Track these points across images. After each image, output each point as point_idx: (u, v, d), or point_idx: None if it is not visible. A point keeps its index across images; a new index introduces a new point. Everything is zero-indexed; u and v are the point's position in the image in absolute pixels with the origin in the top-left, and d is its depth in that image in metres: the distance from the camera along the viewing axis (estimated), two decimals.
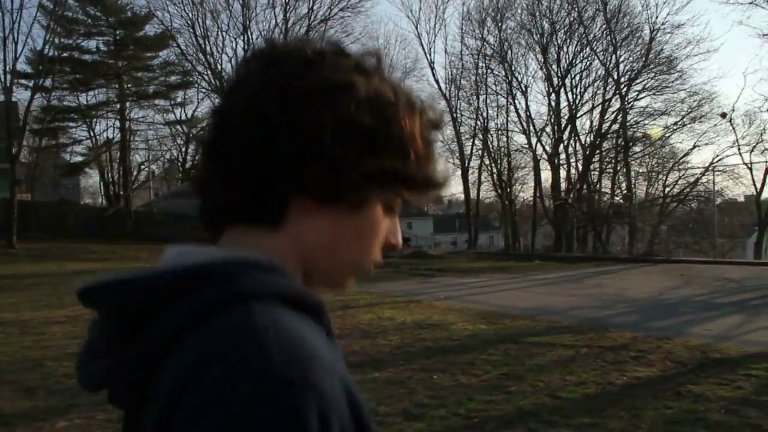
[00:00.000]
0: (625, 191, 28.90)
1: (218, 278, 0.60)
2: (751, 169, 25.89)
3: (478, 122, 32.70)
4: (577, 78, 31.02)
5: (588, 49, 30.00)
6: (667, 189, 29.03)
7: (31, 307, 10.76)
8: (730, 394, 5.10)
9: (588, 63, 30.66)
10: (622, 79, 29.34)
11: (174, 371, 0.55)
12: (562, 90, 30.83)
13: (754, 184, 26.43)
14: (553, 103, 30.96)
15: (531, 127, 31.35)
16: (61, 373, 6.08)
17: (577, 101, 30.87)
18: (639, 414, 4.65)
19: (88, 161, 35.16)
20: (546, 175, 31.76)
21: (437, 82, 34.40)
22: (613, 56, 29.26)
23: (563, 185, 30.70)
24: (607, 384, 5.48)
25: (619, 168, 29.68)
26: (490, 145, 32.71)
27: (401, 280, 15.35)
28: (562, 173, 30.99)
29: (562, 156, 30.93)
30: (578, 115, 30.80)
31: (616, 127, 29.66)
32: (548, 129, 31.44)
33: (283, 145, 0.63)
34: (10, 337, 8.03)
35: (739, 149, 26.35)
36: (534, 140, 31.22)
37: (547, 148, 31.00)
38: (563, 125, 30.74)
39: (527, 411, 4.77)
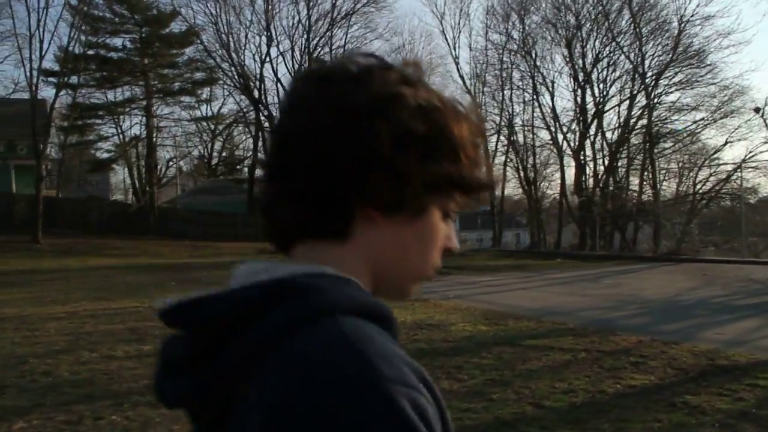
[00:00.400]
0: (652, 188, 28.10)
1: (303, 292, 0.61)
2: None
3: (503, 118, 32.23)
4: (603, 73, 30.26)
5: (614, 43, 29.23)
6: (698, 186, 28.17)
7: (36, 302, 10.81)
8: (729, 406, 4.73)
9: (615, 57, 29.89)
10: (649, 74, 28.53)
11: (270, 385, 0.56)
12: (588, 85, 30.10)
13: None
14: (578, 99, 30.26)
15: (557, 123, 30.73)
16: (39, 371, 6.00)
17: (603, 96, 30.14)
18: (624, 427, 4.32)
19: (114, 158, 35.67)
20: (571, 171, 31.10)
21: (462, 77, 33.98)
22: (640, 50, 28.45)
23: (590, 182, 30.00)
24: (597, 392, 5.15)
25: (646, 164, 28.84)
26: (515, 141, 32.19)
27: None
28: (588, 170, 30.31)
29: (588, 152, 30.23)
30: (605, 110, 30.07)
31: (643, 122, 28.84)
32: (573, 125, 30.78)
33: (345, 160, 0.65)
34: (4, 332, 8.02)
35: None
36: (560, 137, 30.61)
37: (572, 144, 30.34)
38: (589, 121, 30.00)
39: (504, 421, 4.47)
